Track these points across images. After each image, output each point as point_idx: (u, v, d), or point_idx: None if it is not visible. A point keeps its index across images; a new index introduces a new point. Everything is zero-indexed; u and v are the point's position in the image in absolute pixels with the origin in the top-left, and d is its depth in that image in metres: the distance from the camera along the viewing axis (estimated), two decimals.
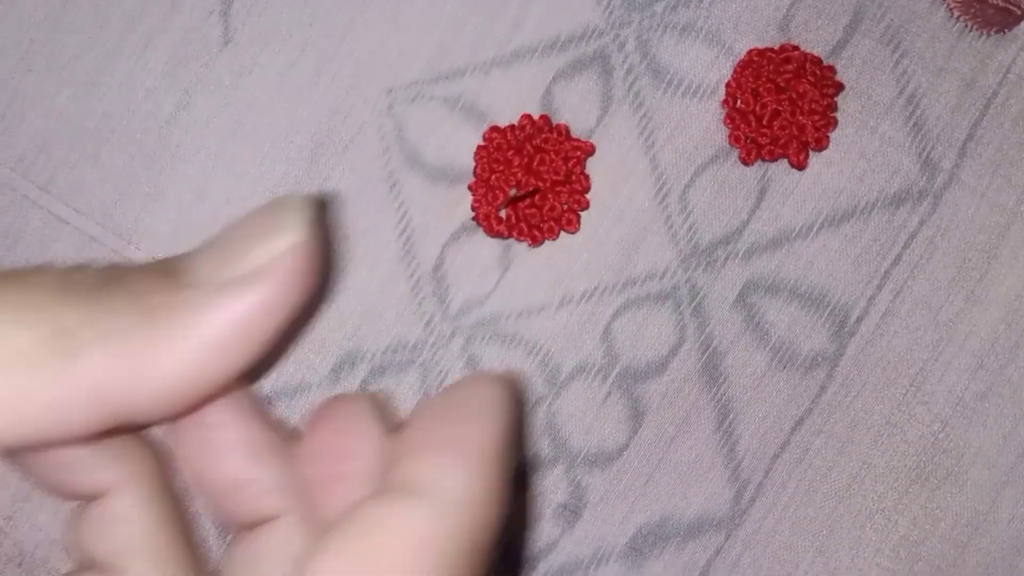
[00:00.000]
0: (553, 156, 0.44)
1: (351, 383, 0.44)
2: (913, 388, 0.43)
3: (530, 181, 0.44)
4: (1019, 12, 0.45)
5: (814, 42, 0.44)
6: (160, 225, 0.45)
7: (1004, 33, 0.45)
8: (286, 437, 0.33)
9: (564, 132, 0.44)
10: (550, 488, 0.44)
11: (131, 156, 0.45)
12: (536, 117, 0.44)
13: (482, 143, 0.44)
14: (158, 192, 0.45)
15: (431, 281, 0.44)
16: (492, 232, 0.44)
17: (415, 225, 0.44)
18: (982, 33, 0.45)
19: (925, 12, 0.44)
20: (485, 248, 0.44)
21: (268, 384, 0.44)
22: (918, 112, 0.44)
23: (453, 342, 0.44)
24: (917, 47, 0.44)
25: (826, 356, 0.44)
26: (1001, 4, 0.45)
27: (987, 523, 0.43)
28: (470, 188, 0.44)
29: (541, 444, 0.44)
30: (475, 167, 0.44)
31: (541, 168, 0.44)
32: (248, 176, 0.45)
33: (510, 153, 0.44)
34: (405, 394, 0.44)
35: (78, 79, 0.45)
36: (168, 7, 0.45)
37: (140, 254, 0.45)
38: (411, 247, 0.44)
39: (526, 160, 0.43)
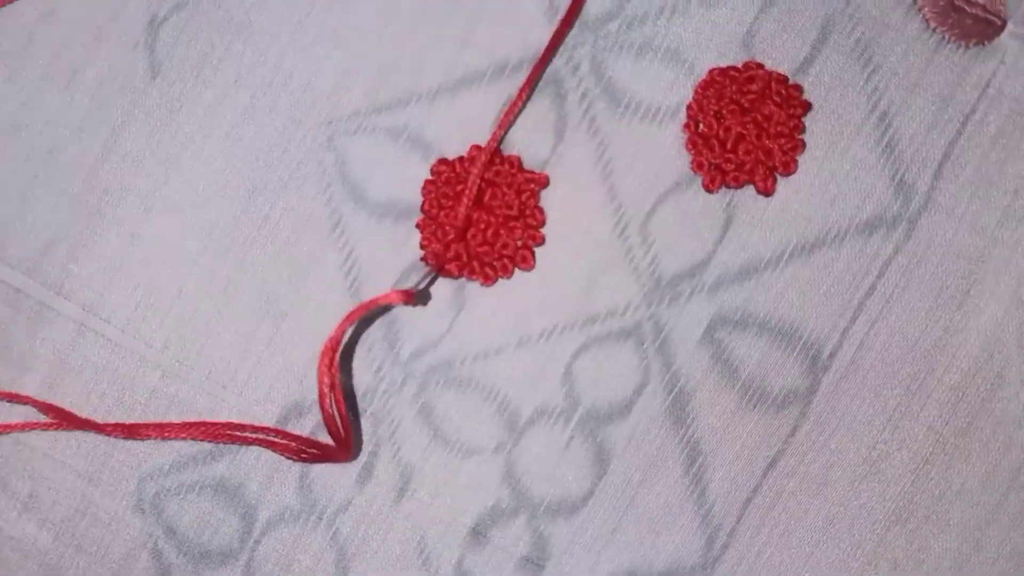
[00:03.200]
0: (505, 190, 0.41)
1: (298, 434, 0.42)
2: (891, 425, 0.41)
3: (481, 217, 0.41)
4: (999, 23, 0.42)
5: (780, 59, 0.42)
6: (90, 272, 0.42)
7: (983, 45, 0.42)
8: None
9: (516, 164, 0.41)
10: (511, 540, 0.41)
11: (58, 200, 0.42)
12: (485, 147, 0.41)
13: (429, 177, 0.42)
14: (88, 238, 0.42)
15: (380, 326, 0.42)
16: (442, 272, 0.41)
17: (361, 265, 0.42)
18: (960, 45, 0.42)
19: (899, 24, 0.42)
20: (437, 288, 0.42)
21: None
22: (891, 131, 0.41)
23: (405, 388, 0.42)
24: (890, 61, 0.42)
25: (798, 393, 0.41)
26: (980, 14, 0.42)
27: (971, 564, 0.41)
28: (418, 226, 0.42)
29: (501, 493, 0.41)
30: (423, 203, 0.42)
31: (493, 203, 0.41)
32: (182, 216, 0.42)
33: (459, 187, 0.41)
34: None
35: (0, 120, 0.43)
36: (91, 40, 0.43)
37: (70, 305, 0.42)
38: (357, 289, 0.42)
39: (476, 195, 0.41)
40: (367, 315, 0.41)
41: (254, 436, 0.41)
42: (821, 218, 0.41)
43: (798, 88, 0.41)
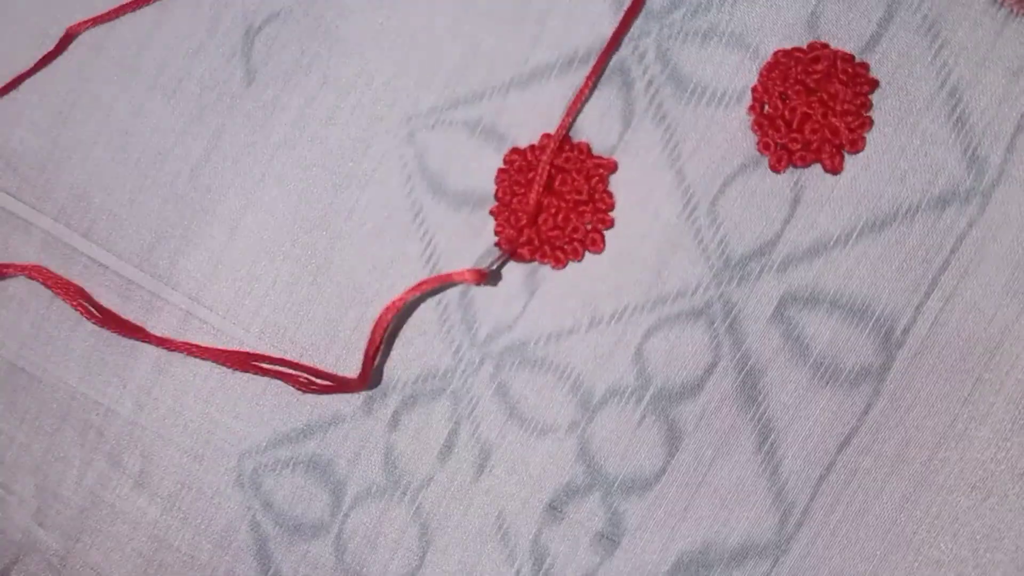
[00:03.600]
0: (575, 175, 0.43)
1: (384, 413, 0.44)
2: (969, 401, 0.41)
3: (552, 202, 0.43)
4: None
5: (845, 38, 0.42)
6: (195, 265, 0.46)
7: None
8: None
9: (585, 150, 0.43)
10: (586, 516, 0.43)
11: (164, 200, 0.46)
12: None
13: (503, 166, 0.44)
14: (192, 233, 0.46)
15: (458, 309, 0.44)
16: (516, 258, 0.43)
17: (440, 252, 0.44)
18: None
19: None
20: (511, 272, 0.44)
21: (303, 417, 0.45)
22: (961, 106, 0.41)
23: (483, 369, 0.44)
24: (958, 36, 0.41)
25: (872, 370, 0.41)
26: None
27: None
28: (492, 213, 0.44)
29: (576, 471, 0.43)
30: (496, 191, 0.44)
31: (563, 189, 0.43)
32: (276, 212, 0.45)
33: (530, 175, 0.43)
34: (436, 423, 0.44)
35: (111, 128, 0.46)
36: (192, 52, 0.46)
37: (177, 295, 0.46)
38: (437, 274, 0.44)
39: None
40: (437, 288, 0.43)
41: (271, 367, 0.44)
42: (891, 194, 0.41)
43: (864, 66, 0.41)
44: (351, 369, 0.44)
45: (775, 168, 0.42)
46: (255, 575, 0.45)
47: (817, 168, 0.42)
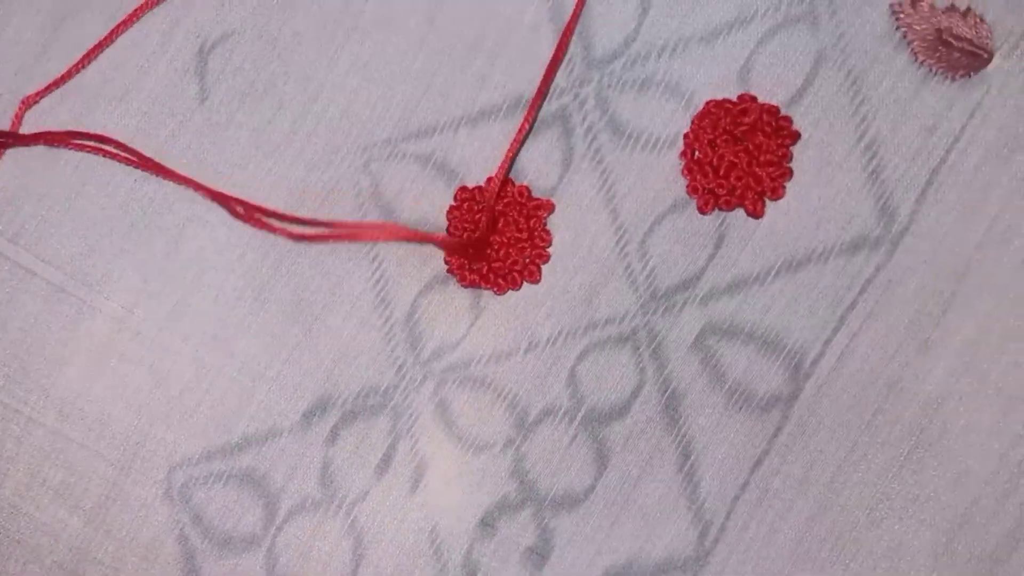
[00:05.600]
0: (516, 216, 0.46)
1: (322, 428, 0.47)
2: (868, 430, 0.44)
3: (495, 239, 0.46)
4: (986, 55, 0.45)
5: (774, 90, 0.45)
6: (131, 275, 0.47)
7: (970, 76, 0.45)
8: None
9: (526, 194, 0.46)
10: (518, 532, 0.46)
11: (103, 208, 0.47)
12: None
13: (454, 203, 0.47)
14: (130, 243, 0.47)
15: (404, 328, 0.47)
16: (464, 282, 0.46)
17: (389, 276, 0.47)
18: (947, 77, 0.45)
19: (888, 57, 0.45)
20: (457, 297, 0.47)
21: (239, 430, 0.47)
22: (877, 159, 0.44)
23: (424, 386, 0.46)
24: (879, 92, 0.45)
25: (781, 397, 0.45)
26: (968, 48, 0.45)
27: (944, 563, 0.44)
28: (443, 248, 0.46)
29: (509, 487, 0.46)
30: (448, 227, 0.46)
31: (505, 228, 0.46)
32: (223, 228, 0.47)
33: (477, 216, 0.46)
34: (375, 438, 0.46)
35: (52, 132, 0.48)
36: (143, 64, 0.48)
37: (110, 304, 0.47)
38: (385, 296, 0.47)
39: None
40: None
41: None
42: (807, 238, 0.45)
43: (788, 119, 0.45)
44: (291, 386, 0.46)
45: (702, 210, 0.45)
46: None
47: (740, 212, 0.45)
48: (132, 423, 0.47)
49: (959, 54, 0.45)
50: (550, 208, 0.46)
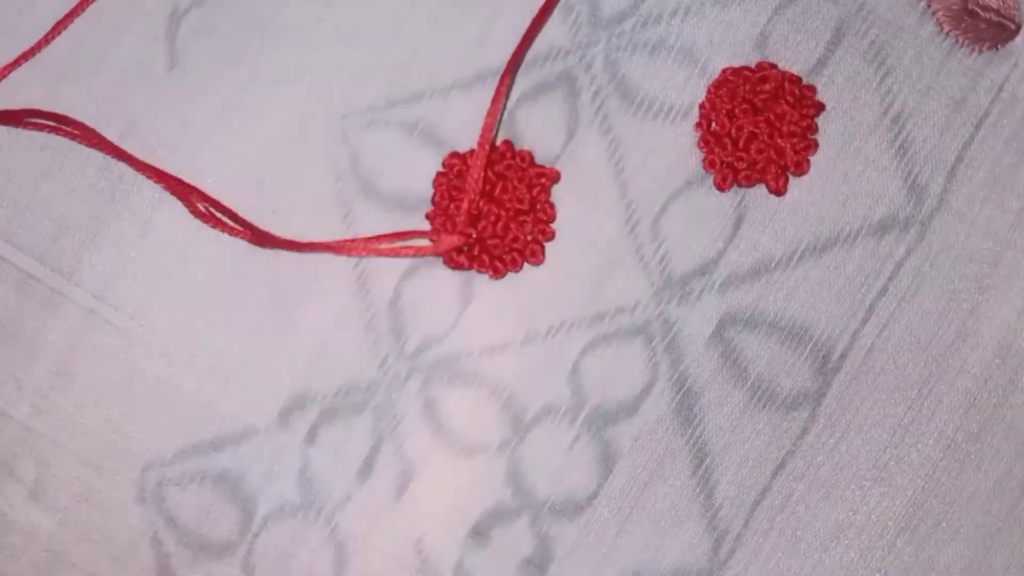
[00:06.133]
0: (516, 184, 0.41)
1: (300, 427, 0.41)
2: (901, 429, 0.40)
3: (491, 210, 0.41)
4: (1013, 27, 0.42)
5: (793, 59, 0.42)
6: (101, 260, 0.42)
7: (996, 50, 0.42)
8: None
9: (528, 159, 0.41)
10: (513, 542, 0.41)
11: (72, 189, 0.43)
12: (499, 142, 0.41)
13: (441, 170, 0.42)
14: (100, 226, 0.42)
15: (387, 317, 0.42)
16: (453, 264, 0.41)
17: (370, 257, 0.42)
18: (973, 49, 0.42)
19: (912, 27, 0.42)
20: (445, 282, 0.42)
21: (213, 428, 0.42)
22: (904, 133, 0.41)
23: (409, 383, 0.41)
24: (903, 64, 0.42)
25: (808, 394, 0.41)
26: (995, 18, 0.42)
27: (982, 572, 0.40)
28: (428, 217, 0.42)
29: (504, 493, 0.41)
30: (434, 195, 0.42)
31: (504, 196, 0.41)
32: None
33: (468, 183, 0.41)
34: (357, 439, 0.41)
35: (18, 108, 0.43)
36: (112, 31, 0.43)
37: (80, 292, 0.42)
38: (365, 281, 0.42)
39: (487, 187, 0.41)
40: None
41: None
42: (833, 218, 0.41)
43: (811, 88, 0.41)
44: (266, 381, 0.42)
45: (720, 186, 0.41)
46: None
47: (761, 189, 0.41)
48: (104, 419, 0.42)
49: (986, 25, 0.42)
50: (555, 177, 0.41)
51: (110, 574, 0.42)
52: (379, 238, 0.41)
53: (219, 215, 0.42)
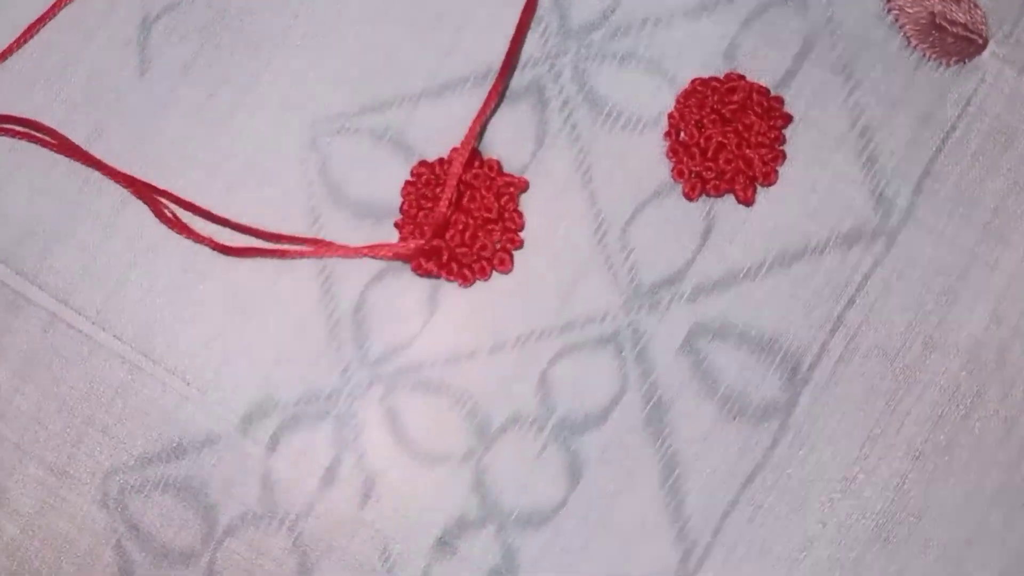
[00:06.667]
0: (484, 193, 0.41)
1: (261, 435, 0.41)
2: (870, 441, 0.40)
3: (460, 219, 0.41)
4: (980, 41, 0.42)
5: (762, 71, 0.42)
6: (65, 264, 0.42)
7: (964, 64, 0.42)
8: None
9: (496, 167, 0.41)
10: (479, 552, 0.40)
11: (37, 192, 0.42)
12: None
13: (410, 179, 0.42)
14: (65, 228, 0.42)
15: (350, 324, 0.41)
16: (421, 271, 0.41)
17: (335, 263, 0.41)
18: (941, 63, 0.42)
19: (880, 41, 0.42)
20: (411, 289, 0.41)
21: (175, 435, 0.41)
22: (872, 146, 0.41)
23: (372, 391, 0.41)
24: (871, 77, 0.42)
25: (778, 406, 0.40)
26: (962, 33, 0.42)
27: None
28: (396, 225, 0.41)
29: (469, 503, 0.40)
30: (402, 203, 0.41)
31: (472, 205, 0.41)
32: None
33: (438, 189, 0.41)
34: (319, 449, 0.41)
35: None
36: (83, 37, 0.43)
37: (43, 295, 0.42)
38: (330, 287, 0.41)
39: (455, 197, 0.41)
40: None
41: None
42: (801, 229, 0.41)
43: (779, 100, 0.41)
44: (228, 388, 0.41)
45: (689, 196, 0.41)
46: None
47: (730, 199, 0.41)
48: (67, 424, 0.41)
49: (953, 39, 0.42)
50: (523, 186, 0.41)
51: None
52: (346, 248, 0.41)
53: (185, 222, 0.41)
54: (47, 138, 0.42)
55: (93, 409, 0.41)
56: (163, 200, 0.41)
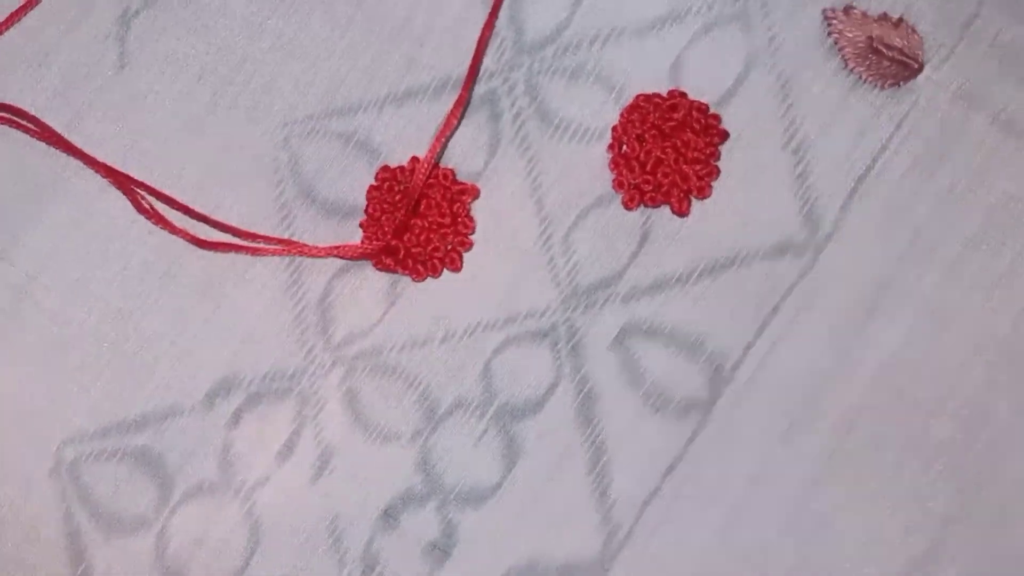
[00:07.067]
0: (439, 200, 0.45)
1: (225, 409, 0.45)
2: (785, 440, 0.43)
3: (416, 222, 0.44)
4: (916, 66, 0.45)
5: (705, 88, 0.44)
6: (38, 242, 0.45)
7: (899, 87, 0.45)
8: None
9: (450, 177, 0.45)
10: (421, 526, 0.44)
11: (13, 171, 0.46)
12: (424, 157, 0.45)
13: (374, 183, 0.45)
14: (39, 209, 0.45)
15: (316, 311, 0.45)
16: (381, 267, 0.45)
17: (303, 257, 0.45)
18: (876, 86, 0.45)
19: (819, 62, 0.44)
20: (373, 282, 0.45)
21: (136, 407, 0.45)
22: (804, 163, 0.44)
23: (333, 372, 0.45)
24: (808, 97, 0.44)
25: (699, 402, 0.43)
26: (898, 57, 0.45)
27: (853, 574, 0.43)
28: (361, 226, 0.45)
29: (414, 480, 0.44)
30: (367, 206, 0.45)
31: (427, 211, 0.44)
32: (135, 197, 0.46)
33: (398, 196, 0.44)
34: (279, 423, 0.44)
35: None
36: (64, 27, 0.46)
37: (13, 271, 0.45)
38: (299, 277, 0.45)
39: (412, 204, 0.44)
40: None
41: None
42: (732, 240, 0.44)
43: (716, 117, 0.44)
44: (194, 365, 0.44)
45: (627, 206, 0.44)
46: (64, 568, 0.44)
47: (666, 209, 0.44)
48: (24, 393, 0.45)
49: (889, 63, 0.45)
50: (475, 193, 0.45)
51: (16, 548, 0.44)
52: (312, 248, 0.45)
53: (163, 214, 0.45)
54: (33, 128, 0.45)
55: (52, 379, 0.44)
56: (141, 192, 0.45)
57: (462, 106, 0.44)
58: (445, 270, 0.44)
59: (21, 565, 0.44)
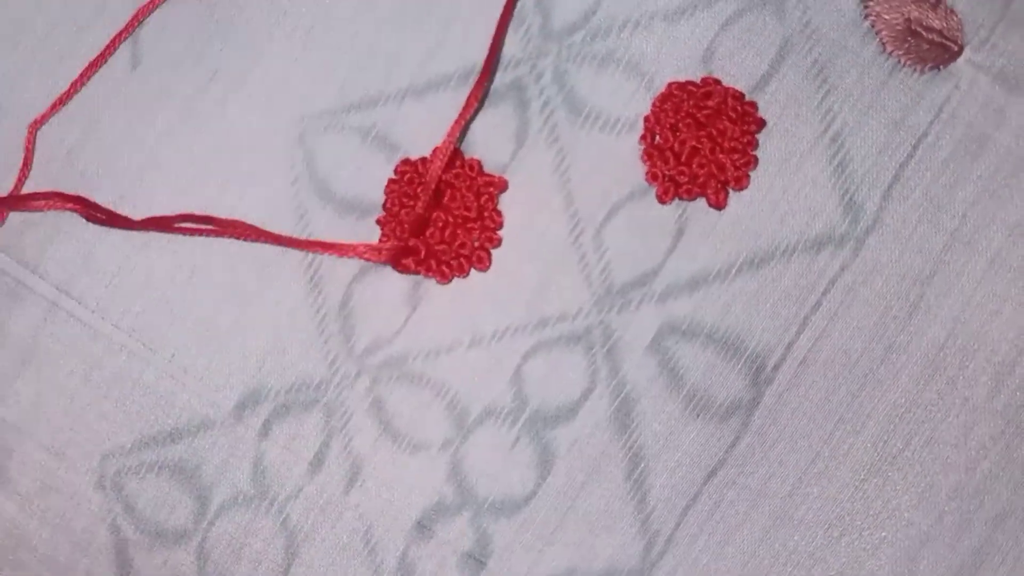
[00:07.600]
0: (465, 192, 0.42)
1: (254, 421, 0.43)
2: (831, 440, 0.42)
3: (440, 217, 0.42)
4: (956, 48, 0.43)
5: (738, 75, 0.43)
6: (66, 254, 0.44)
7: (938, 70, 0.43)
8: None
9: (476, 167, 0.43)
10: (455, 536, 0.42)
11: (36, 184, 0.44)
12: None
13: (393, 176, 0.43)
14: (65, 219, 0.44)
15: (337, 319, 0.43)
16: (402, 268, 0.43)
17: (322, 259, 0.43)
18: (915, 70, 0.43)
19: (856, 47, 0.43)
20: (394, 285, 0.43)
21: (170, 420, 0.43)
22: (843, 152, 0.42)
23: (359, 382, 0.43)
24: (845, 83, 0.43)
25: (742, 404, 0.42)
26: (937, 39, 0.43)
27: None
28: (379, 222, 0.43)
29: (446, 490, 0.42)
30: (385, 201, 0.43)
31: (452, 204, 0.42)
32: (155, 204, 0.43)
33: (420, 188, 0.42)
34: (308, 435, 0.43)
35: None
36: (76, 29, 0.44)
37: (43, 284, 0.44)
38: (318, 282, 0.43)
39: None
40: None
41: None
42: (770, 233, 0.42)
43: (753, 105, 0.42)
44: (222, 376, 0.43)
45: (662, 199, 0.42)
46: None
47: (702, 202, 0.42)
48: (66, 407, 0.44)
49: (928, 46, 0.43)
50: (502, 186, 0.43)
51: (69, 558, 0.44)
52: (329, 245, 0.43)
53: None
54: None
55: (92, 395, 0.43)
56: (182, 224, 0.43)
57: (483, 86, 0.42)
58: (472, 269, 0.43)
59: (73, 574, 0.44)
